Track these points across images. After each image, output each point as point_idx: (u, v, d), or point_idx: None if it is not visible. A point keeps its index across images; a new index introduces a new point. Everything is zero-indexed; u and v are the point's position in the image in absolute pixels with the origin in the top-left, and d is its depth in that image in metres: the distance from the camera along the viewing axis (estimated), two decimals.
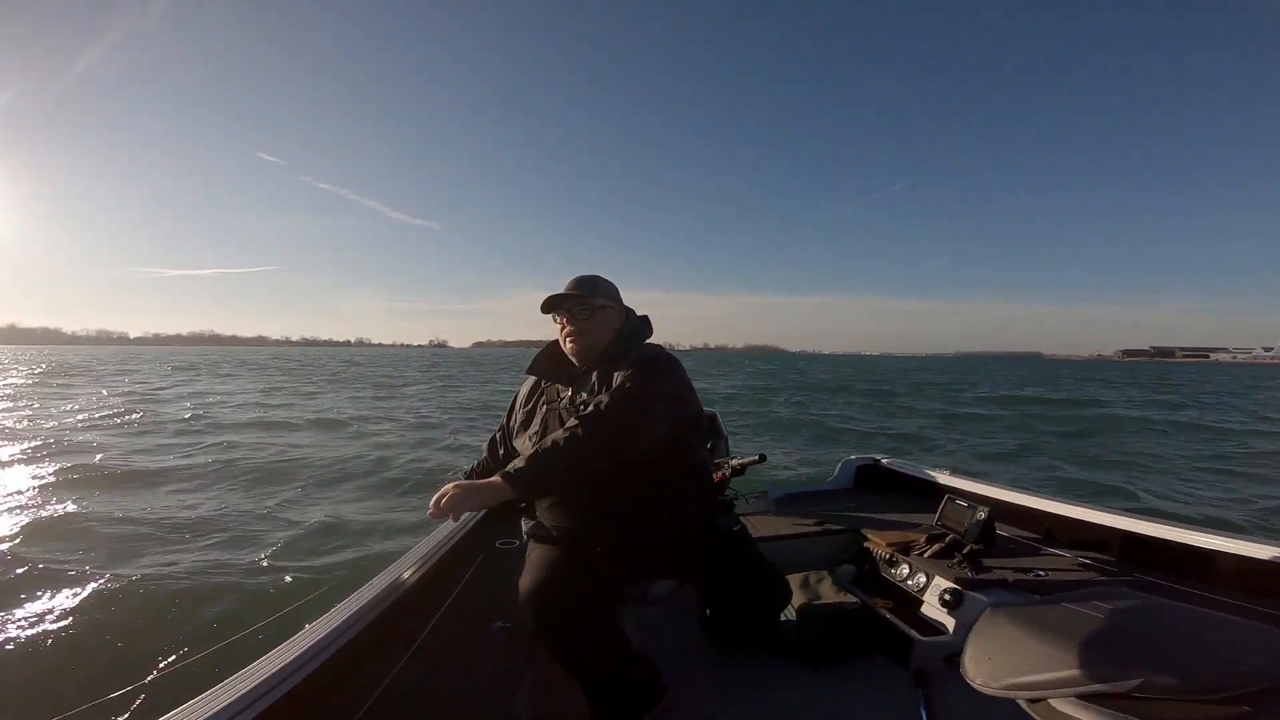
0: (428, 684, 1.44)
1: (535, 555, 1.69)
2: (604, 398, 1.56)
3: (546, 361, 1.88)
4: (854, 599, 2.10)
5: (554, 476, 1.48)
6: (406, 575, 1.83)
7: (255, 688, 1.16)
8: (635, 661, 1.66)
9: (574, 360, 1.80)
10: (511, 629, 1.71)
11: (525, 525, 1.82)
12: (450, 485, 1.52)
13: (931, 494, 2.86)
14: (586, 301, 1.75)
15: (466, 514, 2.46)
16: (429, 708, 1.35)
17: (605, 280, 1.84)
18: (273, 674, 1.21)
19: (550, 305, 1.77)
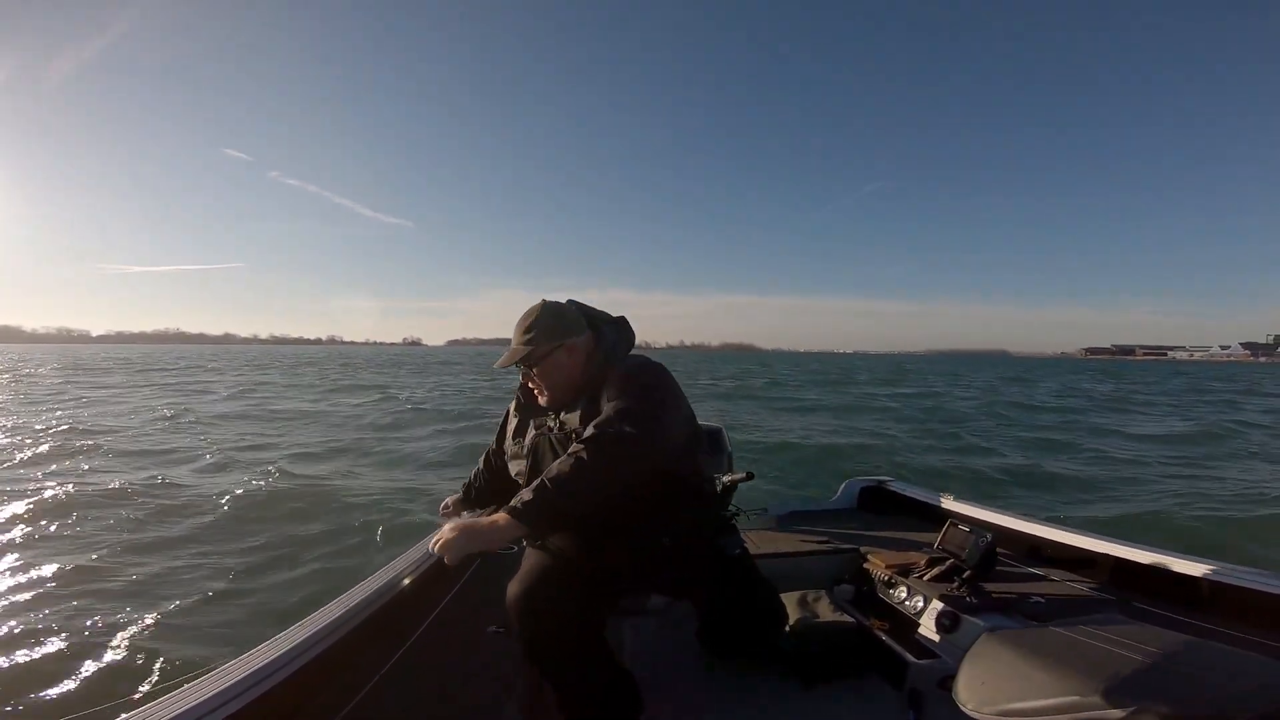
0: (415, 686, 1.42)
1: (529, 562, 1.66)
2: (602, 419, 1.47)
3: (530, 398, 1.82)
4: (850, 619, 2.11)
5: (564, 508, 1.39)
6: (402, 576, 1.81)
7: (229, 687, 1.11)
8: (615, 678, 1.63)
9: (550, 409, 1.74)
10: (504, 634, 1.70)
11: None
12: (448, 528, 1.41)
13: (934, 518, 2.86)
14: (529, 356, 1.68)
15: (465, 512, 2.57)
16: (416, 708, 1.33)
17: (547, 315, 1.71)
18: (249, 674, 1.17)
19: (504, 365, 1.74)
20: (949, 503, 3.00)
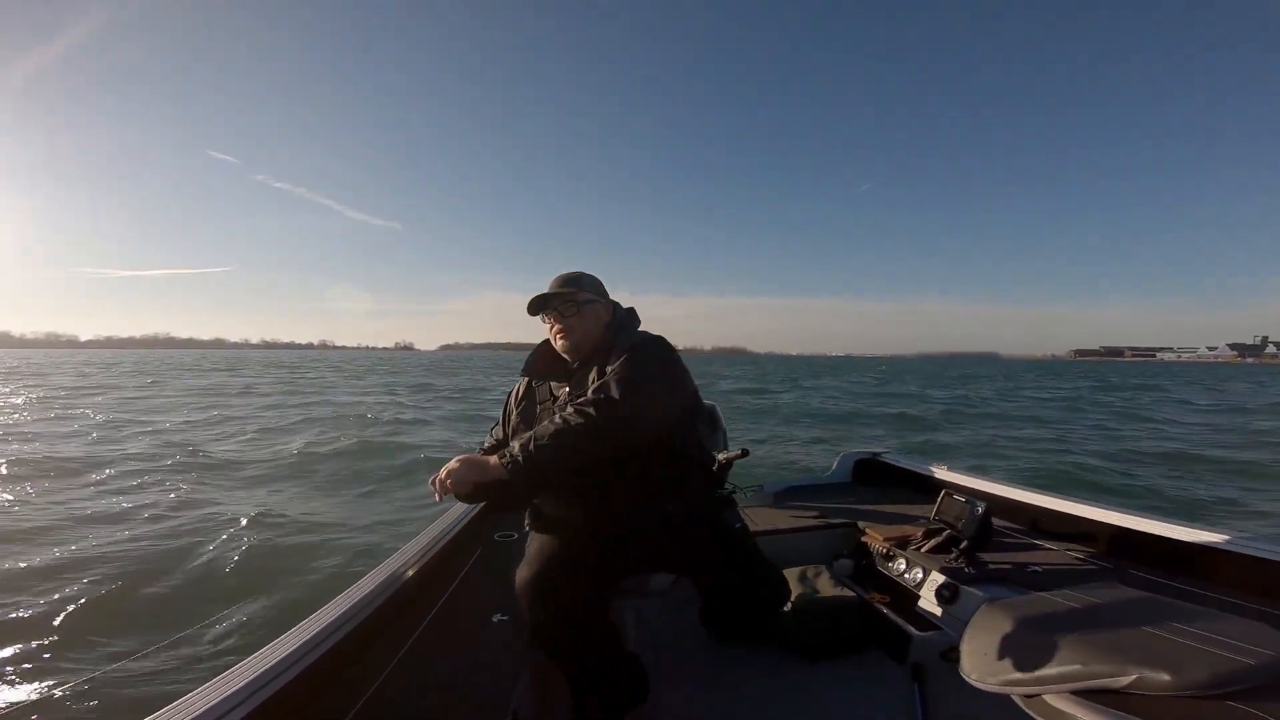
0: (426, 676, 1.45)
1: (534, 546, 1.70)
2: (598, 385, 1.54)
3: (540, 362, 1.86)
4: (851, 593, 2.12)
5: (550, 462, 1.45)
6: (404, 568, 1.83)
7: (249, 683, 1.14)
8: (622, 660, 1.66)
9: (566, 357, 1.79)
10: (510, 621, 1.71)
11: (528, 517, 1.82)
12: (454, 460, 1.49)
13: (929, 489, 2.88)
14: (572, 297, 1.74)
15: (465, 507, 2.45)
16: (427, 700, 1.36)
17: (589, 275, 1.83)
18: (268, 669, 1.19)
19: (537, 306, 1.77)
20: (943, 473, 3.00)
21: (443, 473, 1.49)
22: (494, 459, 1.49)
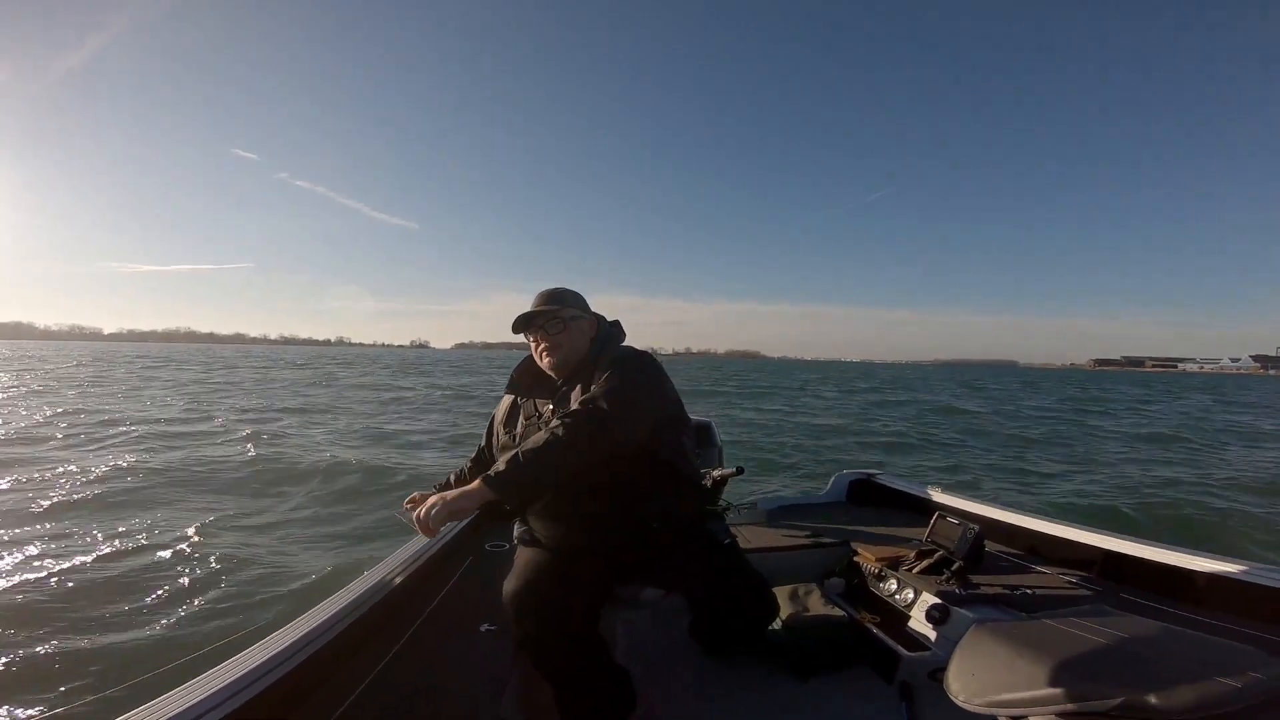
0: (412, 683, 1.44)
1: (523, 558, 1.71)
2: (584, 398, 1.57)
3: (525, 379, 1.87)
4: (842, 612, 2.15)
5: (534, 476, 1.45)
6: (394, 575, 1.82)
7: (225, 686, 1.13)
8: (610, 672, 1.66)
9: (552, 374, 1.80)
10: (499, 631, 1.71)
11: (516, 530, 1.83)
12: (434, 497, 1.47)
13: (923, 510, 2.91)
14: (557, 315, 1.75)
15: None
16: (412, 707, 1.35)
17: (572, 291, 1.84)
18: (250, 670, 1.18)
19: (522, 324, 1.77)
20: (937, 495, 3.03)
21: (421, 513, 1.45)
22: (474, 485, 1.46)
